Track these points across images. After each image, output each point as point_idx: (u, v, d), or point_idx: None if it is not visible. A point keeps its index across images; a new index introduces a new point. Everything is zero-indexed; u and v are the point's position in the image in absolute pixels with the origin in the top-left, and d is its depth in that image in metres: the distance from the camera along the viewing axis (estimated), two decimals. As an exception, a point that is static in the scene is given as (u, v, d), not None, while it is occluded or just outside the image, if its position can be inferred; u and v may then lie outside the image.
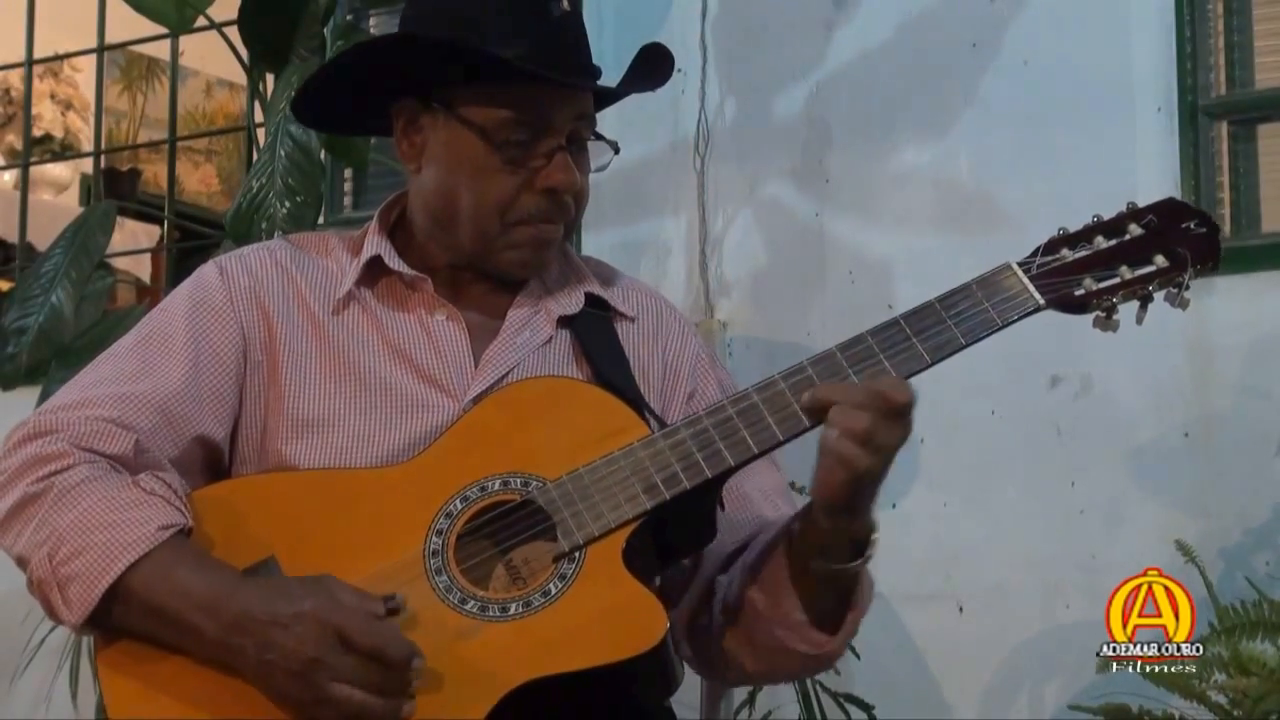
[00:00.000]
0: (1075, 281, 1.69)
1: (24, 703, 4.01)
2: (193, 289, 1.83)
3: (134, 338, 1.80)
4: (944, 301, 1.70)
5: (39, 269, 3.53)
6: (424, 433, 1.74)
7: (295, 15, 3.27)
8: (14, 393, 3.57)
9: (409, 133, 1.82)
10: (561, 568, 1.63)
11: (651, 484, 1.65)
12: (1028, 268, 1.70)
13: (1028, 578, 3.10)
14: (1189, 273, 1.69)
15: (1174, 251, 1.69)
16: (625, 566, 1.63)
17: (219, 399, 1.77)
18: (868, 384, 1.62)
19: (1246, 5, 3.15)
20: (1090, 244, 1.71)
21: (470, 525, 1.66)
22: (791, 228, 3.44)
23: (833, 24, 3.43)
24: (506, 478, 1.68)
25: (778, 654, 1.75)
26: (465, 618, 1.61)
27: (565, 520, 1.64)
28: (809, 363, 1.68)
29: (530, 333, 1.83)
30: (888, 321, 1.69)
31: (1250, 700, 2.40)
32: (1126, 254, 1.70)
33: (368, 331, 1.81)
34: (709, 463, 1.65)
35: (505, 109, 1.75)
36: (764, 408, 1.66)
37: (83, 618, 1.59)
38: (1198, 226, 1.71)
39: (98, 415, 1.70)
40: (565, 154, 1.76)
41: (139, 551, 1.59)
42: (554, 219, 1.79)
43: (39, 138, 5.84)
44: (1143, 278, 1.69)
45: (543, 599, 1.61)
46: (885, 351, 1.67)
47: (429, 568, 1.63)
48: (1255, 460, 2.93)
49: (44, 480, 1.65)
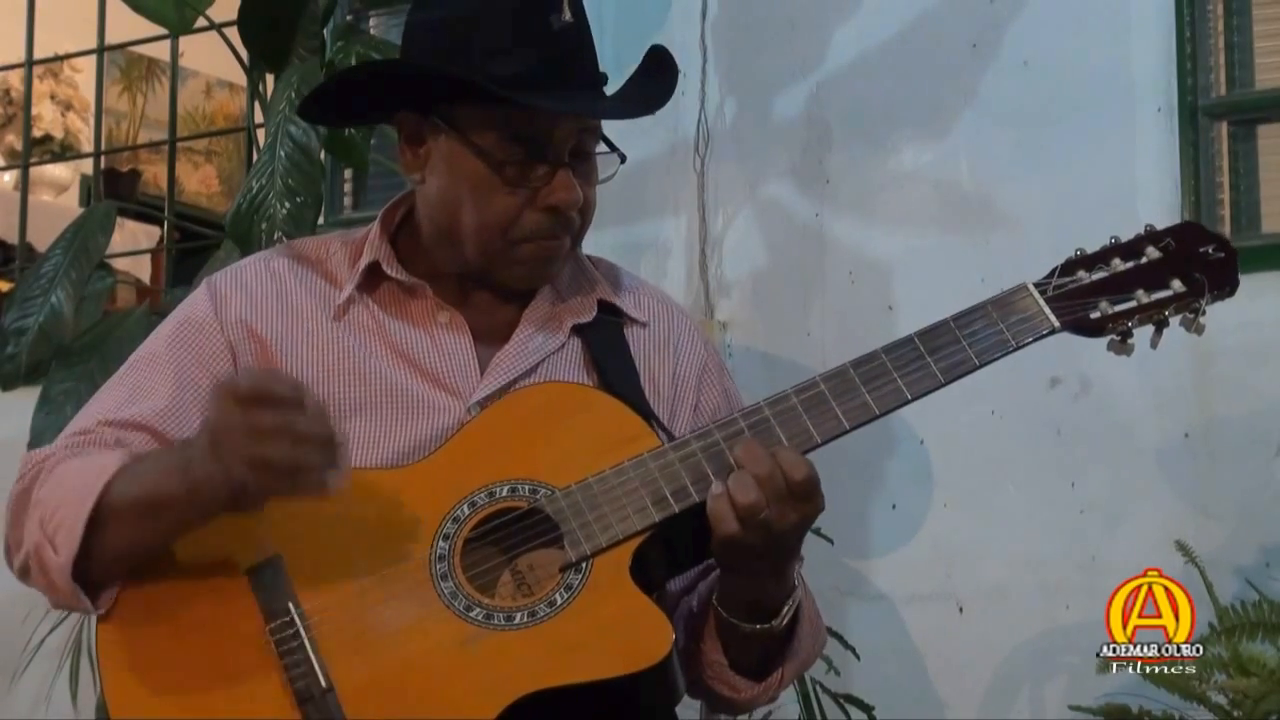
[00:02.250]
0: (1091, 304, 1.69)
1: (24, 703, 4.01)
2: (180, 310, 1.85)
3: (124, 367, 1.84)
4: (959, 321, 1.69)
5: (39, 269, 3.53)
6: (430, 434, 1.74)
7: (295, 16, 3.27)
8: (14, 393, 3.57)
9: (412, 144, 1.81)
10: (568, 578, 1.62)
11: (661, 497, 1.64)
12: (1044, 289, 1.69)
13: (1028, 578, 3.10)
14: (1206, 299, 1.69)
15: (1191, 277, 1.69)
16: (632, 579, 1.62)
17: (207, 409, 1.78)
18: (776, 456, 1.61)
19: (1246, 5, 3.15)
20: (1107, 266, 1.71)
21: (477, 531, 1.65)
22: (791, 228, 3.44)
23: (833, 24, 3.43)
24: (515, 484, 1.67)
25: (697, 688, 1.77)
26: (470, 625, 1.60)
27: (573, 530, 1.64)
28: (821, 378, 1.67)
29: (544, 338, 1.82)
30: (902, 339, 1.68)
31: (1250, 701, 2.39)
32: (1143, 278, 1.70)
33: (370, 336, 1.81)
34: (720, 476, 1.63)
35: (504, 128, 1.73)
36: (775, 422, 1.66)
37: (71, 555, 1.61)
38: (1215, 251, 1.71)
39: (90, 439, 1.74)
40: (567, 171, 1.74)
41: (109, 475, 1.61)
42: (558, 235, 1.77)
43: (39, 138, 5.84)
44: (1159, 302, 1.69)
45: (549, 609, 1.61)
46: (899, 370, 1.66)
47: (435, 573, 1.63)
48: (1255, 460, 2.93)
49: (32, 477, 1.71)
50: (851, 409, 1.66)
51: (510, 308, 1.83)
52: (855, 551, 3.25)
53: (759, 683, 1.74)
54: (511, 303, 1.84)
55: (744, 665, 1.73)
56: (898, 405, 1.67)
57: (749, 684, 1.74)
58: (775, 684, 1.75)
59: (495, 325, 1.82)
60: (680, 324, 1.91)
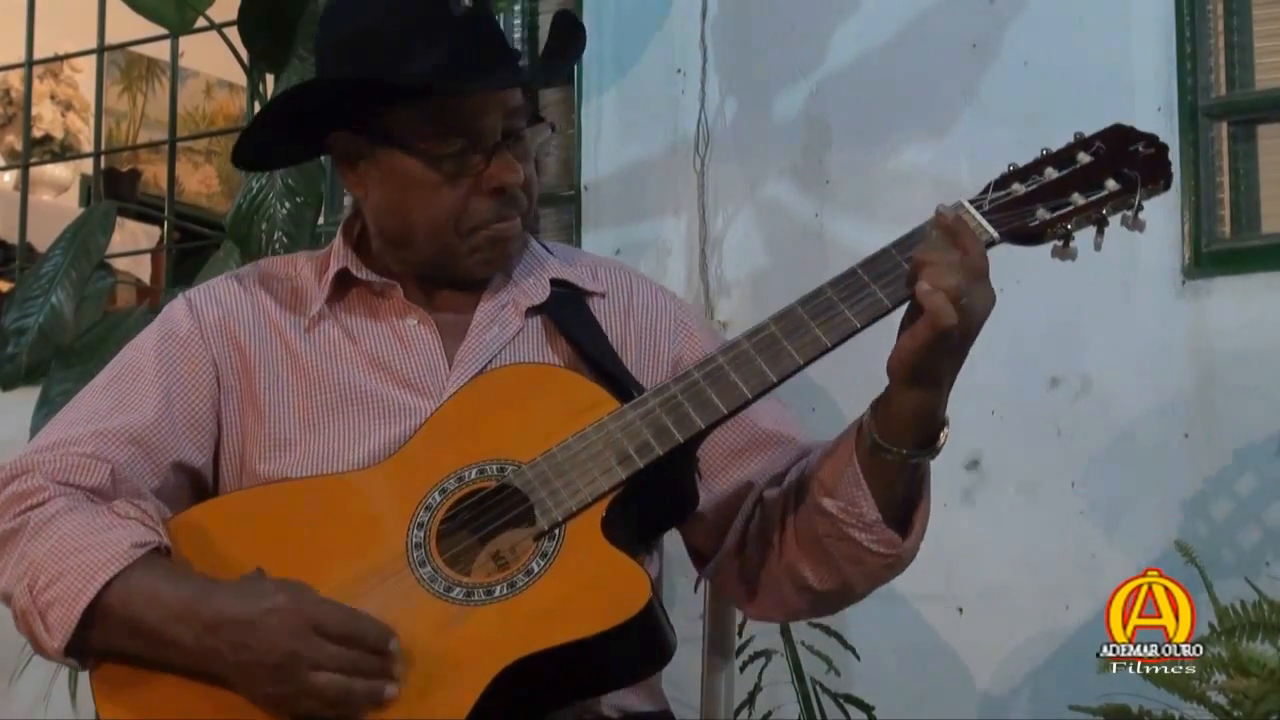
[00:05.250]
0: (1029, 213, 1.70)
1: (24, 703, 4.01)
2: (160, 324, 1.85)
3: (106, 376, 1.83)
4: (899, 246, 1.71)
5: (39, 269, 3.54)
6: (403, 435, 1.76)
7: (295, 15, 3.27)
8: (14, 393, 3.57)
9: (349, 161, 1.83)
10: (543, 546, 1.64)
11: (625, 454, 1.66)
12: (979, 204, 1.71)
13: (1028, 578, 3.09)
14: (1140, 193, 1.69)
15: (1124, 174, 1.70)
16: (606, 538, 1.63)
17: (195, 425, 1.79)
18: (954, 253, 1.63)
19: (1246, 5, 3.15)
20: (1040, 175, 1.72)
21: (450, 515, 1.67)
22: (791, 228, 3.44)
23: (832, 24, 3.43)
24: (482, 465, 1.69)
25: (849, 562, 1.74)
26: (451, 605, 1.62)
27: (543, 500, 1.65)
28: (771, 320, 1.69)
29: (499, 328, 1.85)
30: (846, 272, 1.70)
31: (1250, 701, 2.39)
32: (1078, 182, 1.71)
33: (342, 344, 1.83)
34: (679, 427, 1.66)
35: (433, 125, 1.76)
36: (729, 368, 1.68)
37: (64, 641, 1.60)
38: (1146, 148, 1.72)
39: (74, 451, 1.72)
40: (503, 151, 1.78)
41: (113, 570, 1.59)
42: (508, 216, 1.81)
43: (39, 138, 5.85)
44: (1095, 202, 1.70)
45: (526, 578, 1.62)
46: (845, 300, 1.68)
47: (413, 560, 1.64)
48: (1255, 460, 2.93)
49: (21, 515, 1.67)
50: (805, 344, 1.68)
51: (468, 301, 1.86)
52: (855, 551, 3.24)
53: (906, 537, 1.73)
54: (469, 295, 1.87)
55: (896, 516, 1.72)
56: (848, 334, 1.68)
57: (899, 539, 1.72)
58: (920, 531, 1.75)
59: (457, 320, 1.85)
60: (640, 287, 1.94)
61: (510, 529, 1.66)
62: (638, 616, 1.59)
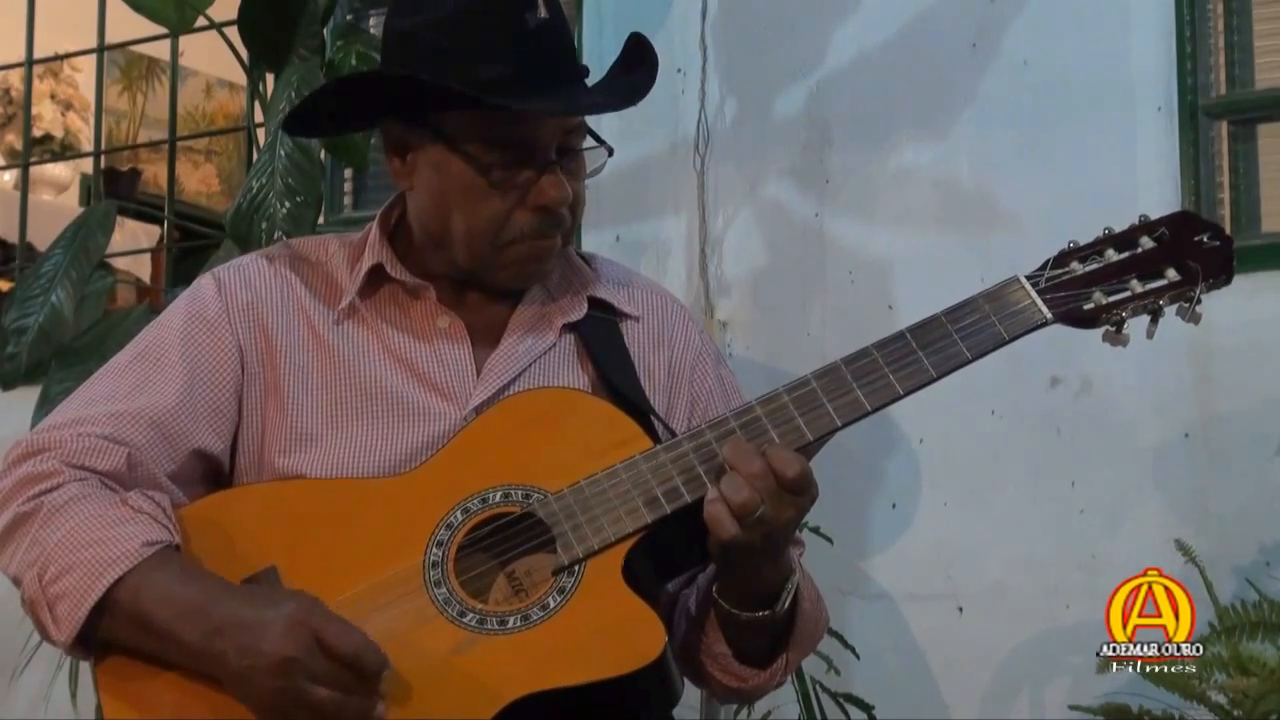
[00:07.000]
0: (1084, 296, 1.67)
1: (24, 703, 4.01)
2: (188, 303, 1.82)
3: (129, 354, 1.80)
4: (950, 315, 1.67)
5: (39, 269, 3.53)
6: (427, 441, 1.74)
7: (295, 15, 3.27)
8: (14, 393, 3.57)
9: (398, 152, 1.79)
10: (561, 581, 1.62)
11: (652, 497, 1.64)
12: (1036, 281, 1.68)
13: (1028, 578, 3.10)
14: (1201, 286, 1.67)
15: (1186, 265, 1.67)
16: (624, 581, 1.62)
17: (216, 412, 1.76)
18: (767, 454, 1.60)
19: (1246, 5, 3.15)
20: (1101, 257, 1.69)
21: (470, 537, 1.65)
22: (791, 228, 3.44)
23: (832, 24, 3.43)
24: (507, 489, 1.67)
25: (703, 680, 1.77)
26: (463, 630, 1.60)
27: (566, 534, 1.63)
28: (813, 376, 1.66)
29: (533, 340, 1.81)
30: (894, 335, 1.67)
31: (1250, 700, 2.39)
32: (1137, 267, 1.68)
33: (370, 341, 1.80)
34: (711, 476, 1.63)
35: (489, 133, 1.72)
36: (766, 421, 1.65)
37: (71, 635, 1.59)
38: (1210, 240, 1.69)
39: (91, 432, 1.70)
40: (555, 169, 1.73)
41: (124, 567, 1.59)
42: (549, 234, 1.76)
43: (39, 138, 5.84)
44: (1153, 291, 1.67)
45: (541, 613, 1.60)
46: (890, 365, 1.65)
47: (428, 579, 1.63)
48: (1255, 460, 2.93)
49: (35, 499, 1.65)
50: (843, 405, 1.65)
51: (503, 308, 1.83)
52: (855, 551, 3.25)
53: (764, 670, 1.74)
54: (504, 303, 1.83)
55: (748, 654, 1.73)
56: (890, 401, 1.66)
57: (754, 672, 1.74)
58: (781, 669, 1.74)
59: (490, 327, 1.82)
60: (674, 316, 1.90)
61: (530, 558, 1.64)
62: (650, 665, 1.58)
